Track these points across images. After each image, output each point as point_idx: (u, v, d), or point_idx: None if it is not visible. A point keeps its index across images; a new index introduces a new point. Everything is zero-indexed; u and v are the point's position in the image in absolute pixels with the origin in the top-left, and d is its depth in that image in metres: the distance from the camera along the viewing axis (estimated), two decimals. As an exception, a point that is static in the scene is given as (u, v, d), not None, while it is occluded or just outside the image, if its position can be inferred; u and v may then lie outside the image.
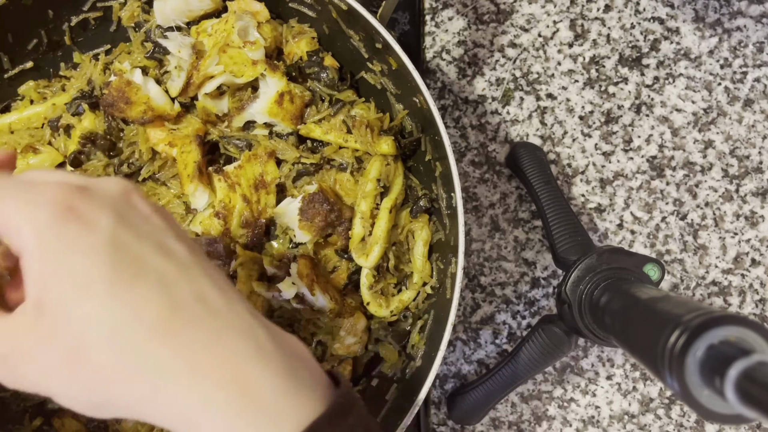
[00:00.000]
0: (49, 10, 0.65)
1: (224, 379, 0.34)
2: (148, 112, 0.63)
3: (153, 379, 0.33)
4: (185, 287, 0.35)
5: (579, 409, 0.75)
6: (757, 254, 0.75)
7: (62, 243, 0.33)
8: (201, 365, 0.34)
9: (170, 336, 0.34)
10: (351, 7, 0.59)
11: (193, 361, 0.34)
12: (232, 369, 0.34)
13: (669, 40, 0.77)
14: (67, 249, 0.33)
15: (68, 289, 0.33)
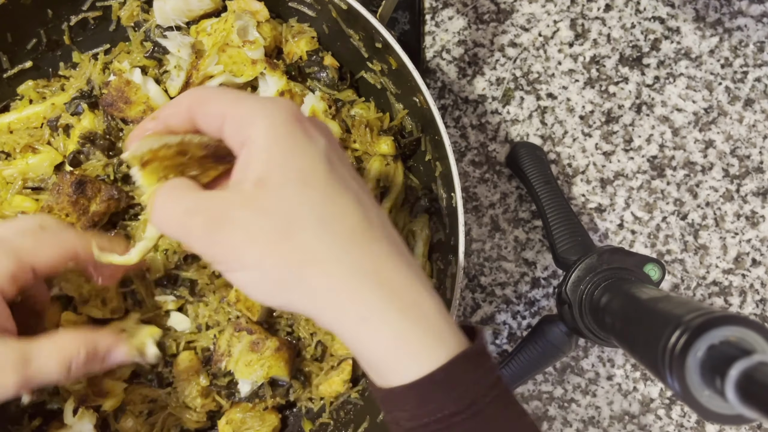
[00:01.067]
0: (49, 10, 0.65)
1: (403, 293, 0.39)
2: (147, 112, 0.63)
3: (345, 270, 0.38)
4: (373, 210, 0.41)
5: (579, 410, 0.75)
6: (758, 254, 0.75)
7: (291, 142, 0.39)
8: (384, 275, 0.38)
9: (364, 243, 0.39)
10: (351, 6, 0.59)
11: (379, 270, 0.38)
12: (410, 288, 0.39)
13: (669, 39, 0.76)
14: (295, 148, 0.39)
15: (294, 176, 0.38)
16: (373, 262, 0.39)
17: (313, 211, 0.38)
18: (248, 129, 0.39)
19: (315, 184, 0.39)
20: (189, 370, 0.65)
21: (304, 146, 0.39)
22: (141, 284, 0.66)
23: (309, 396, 0.68)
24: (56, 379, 0.46)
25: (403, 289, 0.39)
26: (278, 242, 0.38)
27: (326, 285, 0.38)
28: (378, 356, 0.39)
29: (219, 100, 0.41)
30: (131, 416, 0.66)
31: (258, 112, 0.39)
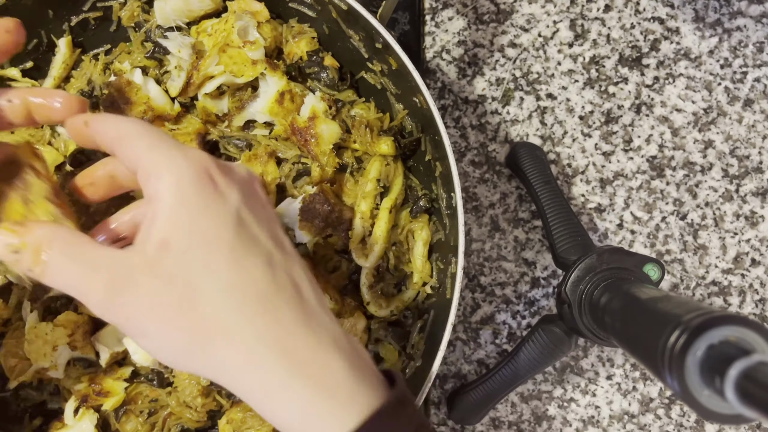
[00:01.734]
0: (49, 10, 0.65)
1: (308, 361, 0.37)
2: (148, 112, 0.63)
3: (248, 341, 0.36)
4: (286, 273, 0.39)
5: (579, 409, 0.75)
6: (757, 254, 0.75)
7: (198, 201, 0.37)
8: (290, 343, 0.37)
9: (269, 310, 0.37)
10: (351, 7, 0.59)
11: (284, 338, 0.37)
12: (316, 354, 0.38)
13: (669, 40, 0.77)
14: (202, 209, 0.37)
15: (198, 240, 0.37)
16: (277, 331, 0.37)
17: (217, 279, 0.37)
18: (155, 183, 0.37)
19: (220, 248, 0.37)
20: (189, 369, 0.65)
21: (211, 206, 0.37)
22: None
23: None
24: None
25: (309, 356, 0.37)
26: (181, 312, 0.36)
27: (231, 357, 0.37)
28: (290, 427, 0.38)
29: (137, 145, 0.39)
30: (132, 416, 0.66)
31: (166, 167, 0.37)
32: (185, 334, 0.36)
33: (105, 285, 0.36)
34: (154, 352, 0.38)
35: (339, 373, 0.38)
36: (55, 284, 0.38)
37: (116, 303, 0.36)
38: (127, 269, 0.36)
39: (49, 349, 0.63)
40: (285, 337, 0.37)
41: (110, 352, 0.65)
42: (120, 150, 0.40)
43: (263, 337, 0.37)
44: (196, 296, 0.36)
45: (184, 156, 0.38)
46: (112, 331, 0.65)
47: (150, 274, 0.36)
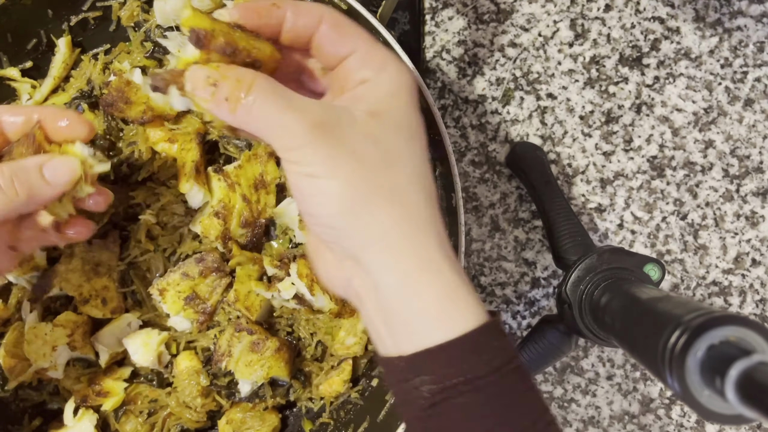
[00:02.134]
0: (49, 10, 0.65)
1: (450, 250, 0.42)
2: (147, 112, 0.63)
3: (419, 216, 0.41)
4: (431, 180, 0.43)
5: (579, 410, 0.75)
6: (758, 254, 0.75)
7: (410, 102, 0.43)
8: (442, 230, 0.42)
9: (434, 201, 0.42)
10: (351, 6, 0.59)
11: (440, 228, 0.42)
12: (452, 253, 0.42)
13: (669, 39, 0.76)
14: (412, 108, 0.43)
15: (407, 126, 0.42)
16: (439, 224, 0.41)
17: (413, 159, 0.41)
18: (377, 72, 0.42)
19: (420, 140, 0.42)
20: (189, 370, 0.65)
21: (416, 112, 0.43)
22: (141, 284, 0.66)
23: (309, 396, 0.68)
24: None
25: (451, 252, 0.41)
26: (375, 169, 0.39)
27: (397, 223, 0.40)
28: (422, 309, 0.40)
29: (353, 34, 0.43)
30: (131, 416, 0.66)
31: (391, 65, 0.43)
32: (369, 187, 0.39)
33: (309, 126, 0.39)
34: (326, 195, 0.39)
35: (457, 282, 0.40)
36: (249, 120, 0.40)
37: (316, 142, 0.39)
38: (336, 119, 0.40)
39: (49, 349, 0.63)
40: (441, 228, 0.42)
41: (110, 353, 0.65)
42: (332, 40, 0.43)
43: (428, 218, 0.41)
44: (392, 161, 0.40)
45: (402, 64, 0.43)
46: (111, 331, 0.65)
47: (362, 131, 0.40)
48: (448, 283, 0.40)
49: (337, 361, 0.67)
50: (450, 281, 0.40)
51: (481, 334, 0.39)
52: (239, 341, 0.63)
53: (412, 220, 0.40)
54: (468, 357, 0.39)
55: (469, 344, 0.39)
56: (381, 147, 0.40)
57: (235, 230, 0.64)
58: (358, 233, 0.40)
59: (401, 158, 0.41)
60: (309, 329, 0.67)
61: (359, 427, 0.65)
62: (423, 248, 0.40)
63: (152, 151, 0.66)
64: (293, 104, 0.39)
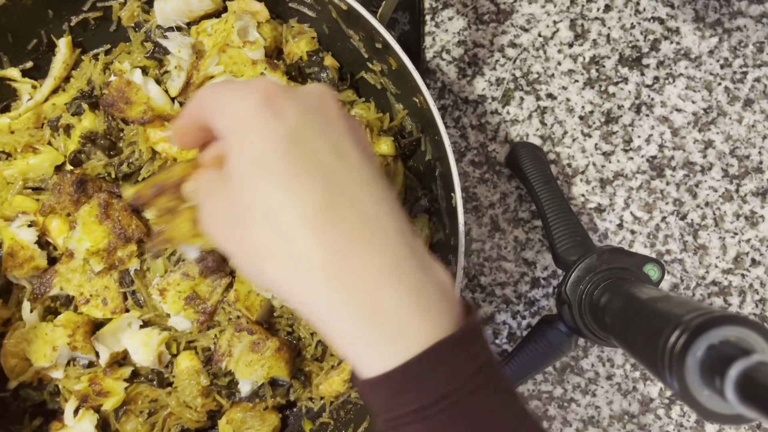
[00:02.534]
0: (49, 10, 0.65)
1: (353, 284, 0.36)
2: (148, 112, 0.63)
3: (294, 264, 0.36)
4: (345, 188, 0.38)
5: (579, 409, 0.75)
6: (757, 254, 0.75)
7: (251, 125, 0.38)
8: (335, 264, 0.36)
9: (314, 229, 0.36)
10: (351, 7, 0.59)
11: (330, 259, 0.36)
12: (364, 277, 0.36)
13: (669, 40, 0.77)
14: (255, 132, 0.37)
15: (246, 163, 0.37)
16: (323, 256, 0.36)
17: (263, 198, 0.37)
18: (220, 120, 0.39)
19: (264, 169, 0.37)
20: (189, 369, 0.65)
21: (264, 128, 0.37)
22: (141, 284, 0.66)
23: (309, 396, 0.68)
24: None
25: (355, 282, 0.36)
26: (236, 235, 0.38)
27: (280, 276, 0.37)
28: (343, 351, 0.38)
29: (207, 95, 0.41)
30: (132, 416, 0.66)
31: (227, 101, 0.39)
32: (240, 251, 0.38)
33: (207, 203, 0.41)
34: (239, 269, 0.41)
35: (389, 300, 0.36)
36: None
37: (206, 227, 0.41)
38: (211, 197, 0.40)
39: (49, 349, 0.63)
40: (332, 258, 0.36)
41: (110, 352, 0.65)
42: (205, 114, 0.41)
43: (307, 258, 0.36)
44: (245, 219, 0.37)
45: (245, 87, 0.39)
46: (112, 331, 0.65)
47: (219, 194, 0.39)
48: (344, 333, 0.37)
49: (337, 360, 0.67)
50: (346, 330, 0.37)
51: (427, 357, 0.36)
52: (239, 341, 0.63)
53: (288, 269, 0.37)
54: (411, 387, 0.36)
55: (413, 372, 0.36)
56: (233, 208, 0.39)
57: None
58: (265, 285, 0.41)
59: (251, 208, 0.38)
60: (309, 329, 0.67)
61: (359, 426, 0.65)
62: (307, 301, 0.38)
63: (152, 151, 0.66)
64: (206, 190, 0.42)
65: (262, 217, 0.37)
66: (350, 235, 0.36)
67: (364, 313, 0.36)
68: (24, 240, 0.64)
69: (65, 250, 0.64)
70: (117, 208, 0.63)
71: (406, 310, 0.36)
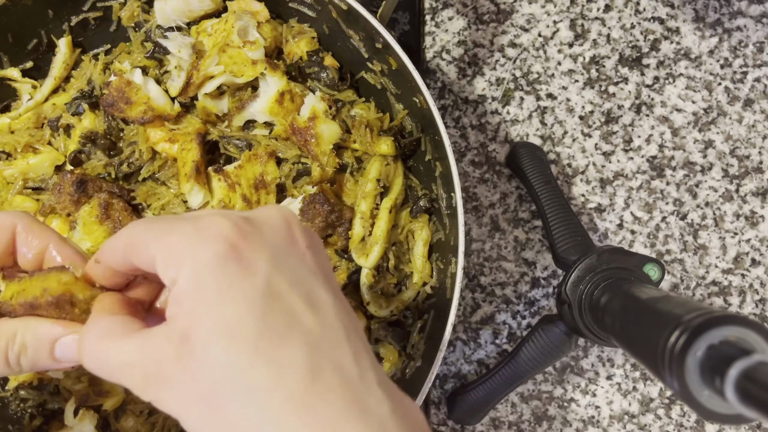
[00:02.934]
0: (49, 10, 0.65)
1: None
2: (148, 112, 0.63)
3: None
4: (326, 353, 0.34)
5: (579, 409, 0.75)
6: (757, 254, 0.75)
7: (219, 285, 0.33)
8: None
9: (304, 408, 0.33)
10: (351, 7, 0.59)
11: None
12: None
13: (669, 40, 0.77)
14: (223, 293, 0.33)
15: (218, 334, 0.33)
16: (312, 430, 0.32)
17: (240, 377, 0.32)
18: (172, 272, 0.34)
19: (245, 339, 0.33)
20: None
21: (235, 286, 0.33)
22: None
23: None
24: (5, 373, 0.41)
25: None
26: (209, 413, 0.33)
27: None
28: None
29: (147, 239, 0.36)
30: (132, 415, 0.66)
31: (182, 251, 0.34)
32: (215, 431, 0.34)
33: (142, 380, 0.34)
34: None
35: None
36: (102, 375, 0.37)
37: (153, 395, 0.35)
38: (157, 363, 0.34)
39: (49, 349, 0.63)
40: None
41: (110, 352, 0.65)
42: (137, 258, 0.36)
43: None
44: (221, 397, 0.33)
45: (198, 234, 0.34)
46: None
47: (177, 368, 0.33)
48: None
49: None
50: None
51: None
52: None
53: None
54: None
55: None
56: (202, 384, 0.33)
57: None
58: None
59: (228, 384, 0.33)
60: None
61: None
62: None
63: (152, 151, 0.66)
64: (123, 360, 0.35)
65: (243, 398, 0.32)
66: (337, 407, 0.33)
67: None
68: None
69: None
70: (117, 208, 0.63)
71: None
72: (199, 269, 0.33)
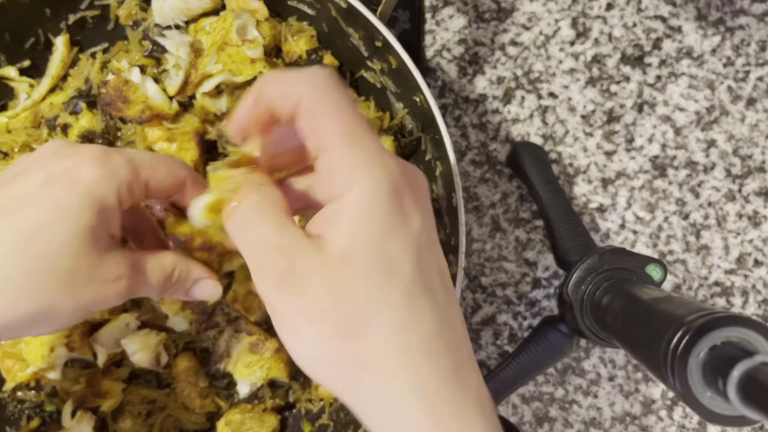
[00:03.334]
0: (47, 9, 0.65)
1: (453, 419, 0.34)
2: (146, 111, 0.63)
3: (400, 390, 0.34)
4: (446, 315, 0.36)
5: (581, 411, 0.75)
6: (760, 254, 0.75)
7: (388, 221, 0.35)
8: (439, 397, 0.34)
9: (429, 356, 0.34)
10: (350, 5, 0.59)
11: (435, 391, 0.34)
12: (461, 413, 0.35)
13: (671, 38, 0.76)
14: (389, 230, 0.34)
15: (381, 265, 0.34)
16: (431, 382, 0.34)
17: (390, 311, 0.34)
18: (348, 185, 0.34)
19: (401, 278, 0.34)
20: (188, 371, 0.65)
21: (397, 228, 0.35)
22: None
23: (308, 397, 0.68)
24: (152, 294, 0.45)
25: (454, 415, 0.35)
26: (344, 335, 0.34)
27: (378, 396, 0.35)
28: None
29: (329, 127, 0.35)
30: (129, 417, 0.65)
31: (363, 173, 0.34)
32: (338, 357, 0.34)
33: (278, 271, 0.35)
34: (296, 356, 0.36)
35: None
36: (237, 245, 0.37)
37: (283, 292, 0.35)
38: (306, 266, 0.34)
39: (47, 350, 0.63)
40: (436, 389, 0.34)
41: (108, 353, 0.64)
42: (304, 119, 0.36)
43: (416, 388, 0.34)
44: (363, 324, 0.34)
45: (382, 164, 0.35)
46: (110, 331, 0.65)
47: (325, 282, 0.34)
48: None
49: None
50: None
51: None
52: (238, 342, 0.63)
53: (389, 391, 0.34)
54: None
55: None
56: (349, 305, 0.34)
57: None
58: (344, 395, 0.36)
59: (375, 314, 0.34)
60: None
61: (359, 428, 0.64)
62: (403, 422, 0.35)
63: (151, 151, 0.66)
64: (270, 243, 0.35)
65: (388, 329, 0.34)
66: (452, 365, 0.35)
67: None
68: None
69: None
70: None
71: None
72: (377, 197, 0.34)
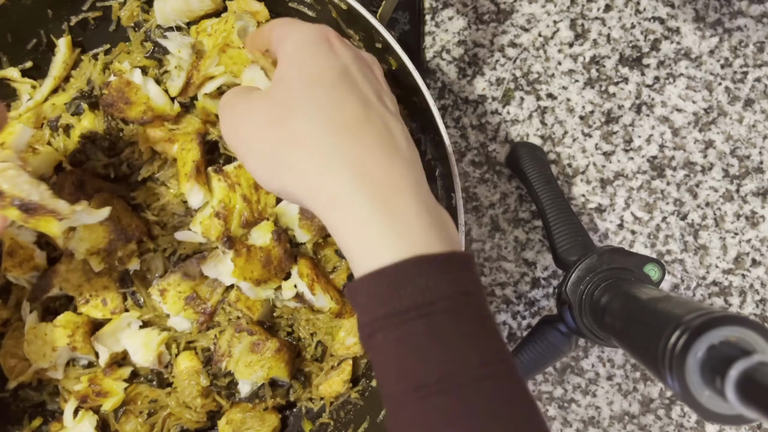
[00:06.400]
0: (49, 10, 0.65)
1: (381, 182, 0.40)
2: (147, 112, 0.63)
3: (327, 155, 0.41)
4: (380, 117, 0.43)
5: (579, 410, 0.75)
6: (758, 254, 0.75)
7: (312, 51, 0.44)
8: (368, 162, 0.41)
9: (355, 134, 0.42)
10: (351, 6, 0.59)
11: (365, 157, 0.41)
12: (391, 181, 0.40)
13: (669, 39, 0.76)
14: (315, 56, 0.44)
15: (305, 76, 0.43)
16: (357, 153, 0.41)
17: (312, 102, 0.42)
18: (282, 43, 0.46)
19: (322, 84, 0.43)
20: (189, 370, 0.65)
21: (323, 56, 0.44)
22: (141, 284, 0.66)
23: (309, 396, 0.68)
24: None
25: (382, 182, 0.40)
26: (275, 126, 0.43)
27: (309, 168, 0.41)
28: (345, 242, 0.41)
29: (276, 26, 0.48)
30: (131, 416, 0.66)
31: (291, 30, 0.46)
32: (275, 146, 0.43)
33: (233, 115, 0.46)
34: (254, 167, 0.45)
35: (409, 208, 0.40)
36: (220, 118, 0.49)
37: (239, 125, 0.45)
38: (250, 100, 0.45)
39: (49, 350, 0.63)
40: (364, 160, 0.41)
41: (110, 353, 0.65)
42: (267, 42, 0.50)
43: (341, 154, 0.41)
44: (290, 115, 0.42)
45: (309, 24, 0.46)
46: (111, 331, 0.65)
47: (262, 99, 0.45)
48: (371, 212, 0.39)
49: (337, 361, 0.67)
50: (373, 210, 0.39)
51: (407, 266, 0.37)
52: (239, 341, 0.63)
53: (320, 159, 0.41)
54: (386, 291, 0.37)
55: (390, 277, 0.38)
56: (278, 105, 0.43)
57: (236, 230, 0.64)
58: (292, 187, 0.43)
59: (299, 106, 0.42)
60: (309, 329, 0.67)
61: (359, 427, 0.65)
62: (330, 186, 0.41)
63: (152, 151, 0.66)
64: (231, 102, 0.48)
65: (307, 115, 0.42)
66: (383, 147, 0.42)
67: (384, 207, 0.39)
68: (24, 240, 0.64)
69: (65, 250, 0.64)
70: (117, 208, 0.63)
71: (419, 219, 0.40)
72: (303, 41, 0.45)
